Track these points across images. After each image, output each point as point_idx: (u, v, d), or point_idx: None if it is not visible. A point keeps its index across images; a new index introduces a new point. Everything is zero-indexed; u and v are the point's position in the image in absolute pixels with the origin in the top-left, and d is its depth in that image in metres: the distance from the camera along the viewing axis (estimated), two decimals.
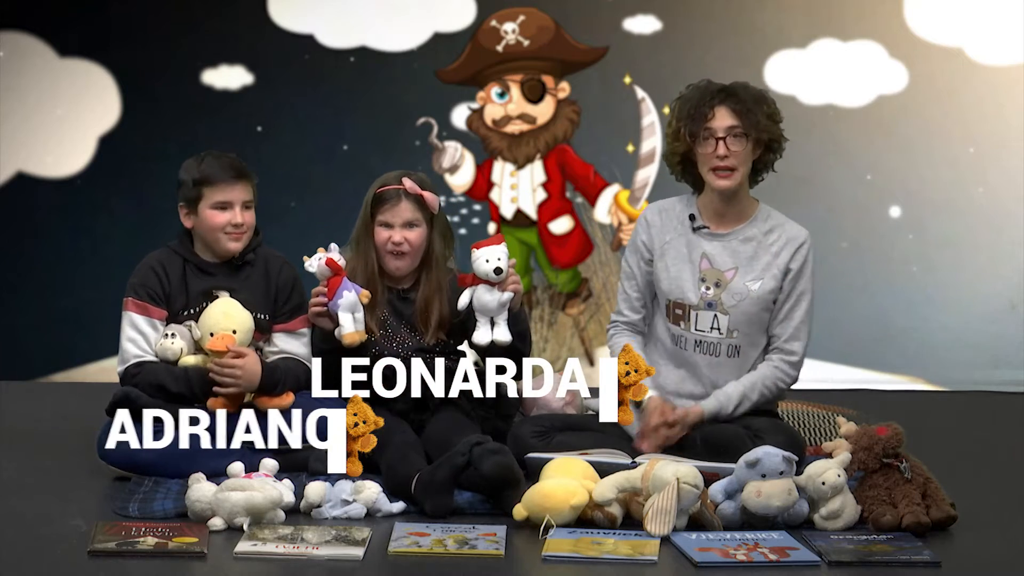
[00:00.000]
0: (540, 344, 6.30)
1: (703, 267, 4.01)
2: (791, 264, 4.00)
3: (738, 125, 3.91)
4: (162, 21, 6.35)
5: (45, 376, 6.25)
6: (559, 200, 6.34)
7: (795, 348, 4.01)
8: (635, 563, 3.23)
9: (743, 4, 6.29)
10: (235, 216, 4.06)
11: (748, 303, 3.98)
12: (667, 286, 4.04)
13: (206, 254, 4.11)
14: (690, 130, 3.93)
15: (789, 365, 4.01)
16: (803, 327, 4.02)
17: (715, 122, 3.91)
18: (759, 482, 3.49)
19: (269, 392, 3.96)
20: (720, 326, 3.99)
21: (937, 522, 3.48)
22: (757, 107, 3.92)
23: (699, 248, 4.03)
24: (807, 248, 4.02)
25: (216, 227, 4.06)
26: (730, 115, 3.92)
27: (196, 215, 4.08)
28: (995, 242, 6.21)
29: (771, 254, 4.01)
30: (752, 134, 3.92)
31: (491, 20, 6.32)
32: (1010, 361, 6.10)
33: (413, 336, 4.13)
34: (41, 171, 6.36)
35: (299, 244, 4.10)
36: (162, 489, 3.74)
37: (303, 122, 6.34)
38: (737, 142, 3.92)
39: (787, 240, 4.01)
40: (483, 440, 3.65)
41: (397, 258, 4.10)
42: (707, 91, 3.95)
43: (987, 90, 6.23)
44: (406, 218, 4.09)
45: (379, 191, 4.12)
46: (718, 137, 3.91)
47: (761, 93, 3.98)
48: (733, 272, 4.00)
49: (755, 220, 4.03)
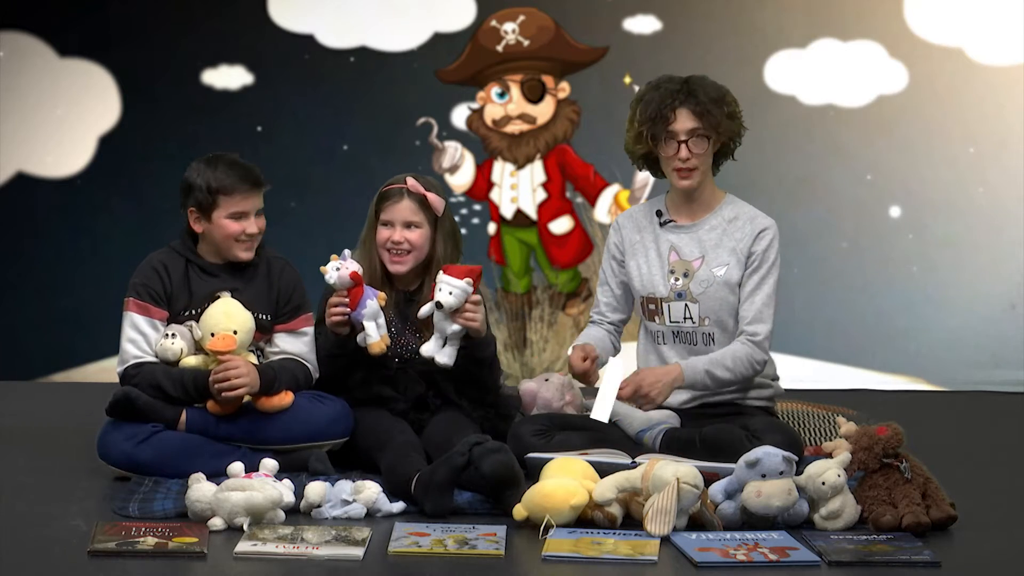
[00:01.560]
0: (540, 344, 6.31)
1: (671, 259, 4.06)
2: (754, 247, 4.03)
3: (699, 127, 3.96)
4: (162, 21, 6.35)
5: (45, 376, 6.25)
6: (559, 200, 6.34)
7: (758, 330, 4.01)
8: (635, 563, 3.23)
9: (743, 4, 6.29)
10: (250, 226, 4.04)
11: (715, 288, 4.02)
12: (638, 283, 4.10)
13: (209, 255, 4.10)
14: (652, 133, 3.98)
15: (754, 345, 4.02)
16: (766, 310, 4.03)
17: (676, 125, 3.96)
18: (759, 482, 3.49)
19: (266, 392, 3.96)
20: (692, 315, 4.04)
21: (937, 522, 3.48)
22: (716, 107, 3.97)
23: (667, 242, 4.08)
24: (771, 234, 4.05)
25: (230, 236, 4.04)
26: (691, 117, 3.96)
27: (209, 222, 4.04)
28: (995, 242, 6.21)
29: (735, 239, 4.04)
30: (712, 135, 3.96)
31: (491, 20, 6.32)
32: (1010, 361, 6.10)
33: (417, 338, 4.13)
34: (41, 171, 6.36)
35: (299, 244, 4.11)
36: (162, 489, 3.74)
37: (303, 122, 6.35)
38: (698, 144, 3.97)
39: (752, 227, 4.05)
40: (483, 439, 3.65)
41: (397, 258, 4.09)
42: (667, 93, 3.98)
43: (987, 90, 6.23)
44: (407, 217, 4.08)
45: (384, 189, 4.12)
46: (680, 140, 3.95)
47: (720, 90, 4.01)
48: (700, 261, 4.04)
49: (720, 209, 4.08)
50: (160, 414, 3.91)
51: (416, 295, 4.15)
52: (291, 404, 3.98)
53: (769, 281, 4.04)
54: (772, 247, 4.05)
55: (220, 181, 4.01)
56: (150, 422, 3.90)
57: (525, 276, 6.32)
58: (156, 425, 3.90)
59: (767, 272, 4.04)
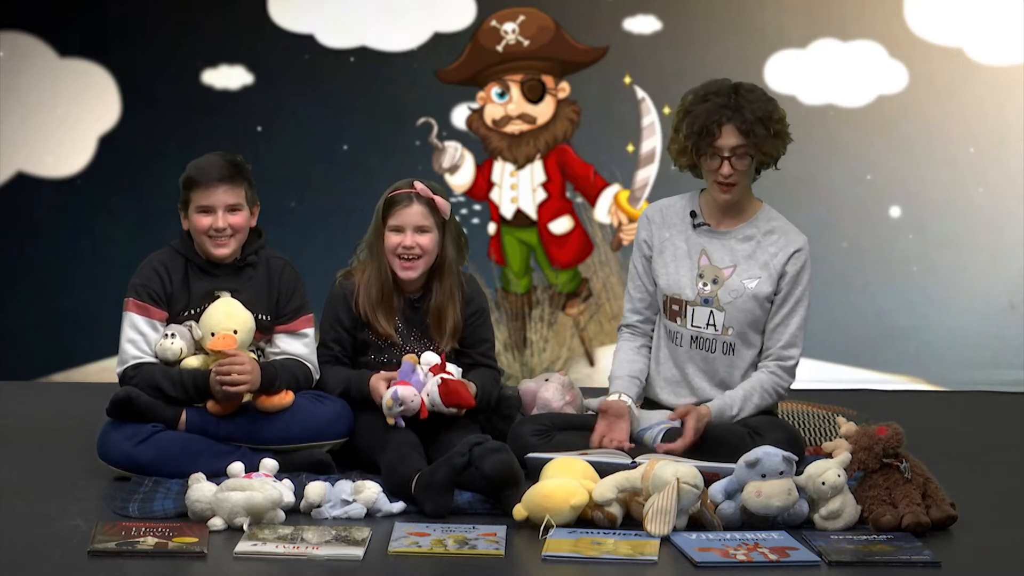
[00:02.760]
0: (540, 344, 6.31)
1: (702, 263, 4.03)
2: (787, 267, 4.02)
3: (743, 145, 3.93)
4: (162, 21, 6.34)
5: (45, 376, 6.25)
6: (559, 200, 6.34)
7: (792, 354, 4.03)
8: (635, 563, 3.23)
9: (743, 4, 6.29)
10: (217, 220, 4.00)
11: (744, 300, 4.00)
12: (664, 282, 4.06)
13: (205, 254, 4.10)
14: (696, 147, 3.96)
15: (785, 371, 4.04)
16: (800, 333, 4.04)
17: (721, 141, 3.93)
18: (759, 482, 3.49)
19: (267, 390, 3.96)
20: (716, 322, 4.01)
21: (937, 522, 3.48)
22: (762, 126, 3.92)
23: (698, 245, 4.05)
24: (804, 254, 4.04)
25: (199, 230, 4.01)
26: (735, 135, 3.92)
27: (188, 218, 4.06)
28: (995, 242, 6.21)
29: (769, 254, 4.02)
30: (756, 155, 3.95)
31: (491, 20, 6.31)
32: (1010, 361, 6.10)
33: (423, 343, 4.13)
34: (41, 171, 6.36)
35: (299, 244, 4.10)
36: (162, 489, 3.74)
37: (303, 122, 6.34)
38: (741, 161, 3.94)
39: (785, 243, 4.03)
40: (483, 440, 3.65)
41: (408, 264, 4.09)
42: (714, 108, 3.93)
43: (987, 90, 6.23)
44: (417, 222, 4.07)
45: (391, 195, 4.11)
46: (723, 156, 3.93)
47: (766, 107, 3.96)
48: (731, 270, 4.02)
49: (756, 220, 4.05)
50: (160, 414, 3.91)
51: (421, 300, 4.14)
52: (291, 404, 3.98)
53: (803, 304, 4.03)
54: (806, 269, 4.03)
55: (189, 172, 4.02)
56: (150, 422, 3.89)
57: (525, 276, 6.32)
58: (156, 425, 3.90)
59: (801, 295, 4.02)
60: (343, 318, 4.12)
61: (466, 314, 4.16)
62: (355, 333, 4.13)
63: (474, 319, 4.18)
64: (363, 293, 4.10)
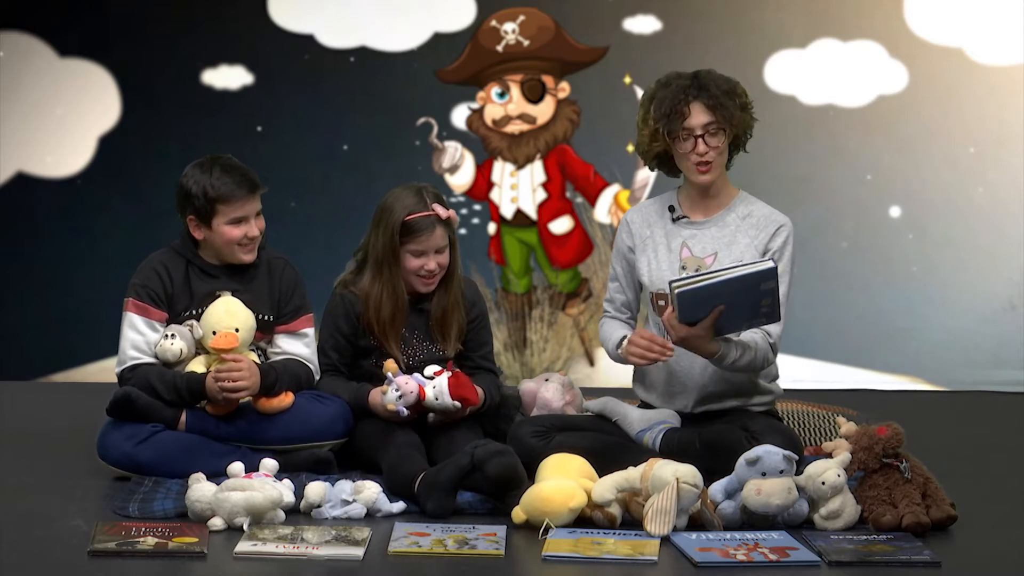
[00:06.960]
0: (540, 344, 6.31)
1: (683, 255, 4.03)
2: (770, 244, 4.01)
3: (713, 121, 3.94)
4: (162, 21, 6.34)
5: (45, 376, 6.24)
6: (559, 200, 6.33)
7: (771, 330, 3.98)
8: (635, 563, 3.23)
9: (743, 4, 6.28)
10: (251, 229, 4.03)
11: None
12: (648, 278, 4.07)
13: (210, 256, 4.09)
14: (668, 129, 3.96)
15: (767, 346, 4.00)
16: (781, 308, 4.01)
17: (691, 120, 3.94)
18: (759, 480, 3.49)
19: (266, 393, 3.96)
20: None
21: (937, 522, 3.48)
22: (728, 99, 3.95)
23: (679, 238, 4.05)
24: (787, 231, 4.02)
25: (232, 241, 4.03)
26: (705, 111, 3.94)
27: (209, 229, 4.03)
28: (995, 242, 6.20)
29: (749, 236, 4.02)
30: (728, 128, 3.96)
31: (491, 20, 6.31)
32: (1010, 361, 6.10)
33: (426, 346, 4.13)
34: (41, 171, 6.36)
35: (299, 244, 4.10)
36: (162, 489, 3.74)
37: (303, 122, 6.34)
38: (714, 138, 3.95)
39: (766, 223, 4.03)
40: (486, 441, 3.66)
41: (429, 281, 4.09)
42: (679, 89, 3.96)
43: (987, 90, 6.23)
44: (439, 244, 4.07)
45: (409, 219, 4.05)
46: (696, 135, 3.94)
47: (729, 82, 4.00)
48: (712, 258, 4.02)
49: (734, 206, 4.06)
50: (160, 414, 3.91)
51: (424, 304, 4.13)
52: (291, 405, 3.98)
53: (784, 280, 3.97)
54: (788, 244, 4.02)
55: (217, 189, 3.99)
56: (150, 422, 3.90)
57: (525, 276, 6.32)
58: (156, 425, 3.90)
59: (783, 270, 3.97)
60: (343, 327, 4.11)
61: (469, 318, 4.16)
62: (355, 341, 4.13)
63: (476, 323, 4.19)
64: (372, 309, 4.08)
